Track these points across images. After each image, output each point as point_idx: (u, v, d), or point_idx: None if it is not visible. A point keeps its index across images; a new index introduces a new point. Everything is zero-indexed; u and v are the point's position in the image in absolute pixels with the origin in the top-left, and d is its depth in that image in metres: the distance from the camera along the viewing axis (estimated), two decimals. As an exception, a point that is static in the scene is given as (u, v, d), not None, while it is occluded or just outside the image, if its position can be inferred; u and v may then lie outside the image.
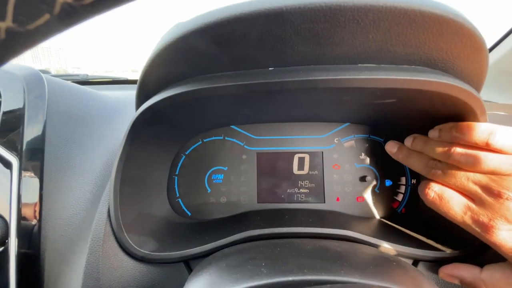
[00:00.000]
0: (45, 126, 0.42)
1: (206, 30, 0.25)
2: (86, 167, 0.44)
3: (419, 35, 0.26)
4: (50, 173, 0.41)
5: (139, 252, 0.37)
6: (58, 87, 0.48)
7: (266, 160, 0.51)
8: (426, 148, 0.37)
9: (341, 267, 0.27)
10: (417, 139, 0.40)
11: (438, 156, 0.35)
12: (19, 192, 0.39)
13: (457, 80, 0.30)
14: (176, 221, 0.49)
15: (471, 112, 0.32)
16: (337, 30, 0.25)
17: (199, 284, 0.28)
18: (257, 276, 0.26)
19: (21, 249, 0.38)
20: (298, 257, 0.30)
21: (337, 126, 0.51)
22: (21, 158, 0.40)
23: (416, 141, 0.39)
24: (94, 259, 0.36)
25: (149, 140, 0.42)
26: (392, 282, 0.25)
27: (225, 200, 0.51)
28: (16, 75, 0.45)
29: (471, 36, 0.26)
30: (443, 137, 0.35)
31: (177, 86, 0.32)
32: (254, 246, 0.34)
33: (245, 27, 0.25)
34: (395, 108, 0.40)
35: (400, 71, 0.29)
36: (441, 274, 0.36)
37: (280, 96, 0.35)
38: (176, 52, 0.29)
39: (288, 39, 0.26)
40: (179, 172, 0.51)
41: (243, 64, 0.30)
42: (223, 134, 0.52)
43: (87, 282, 0.36)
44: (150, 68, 0.32)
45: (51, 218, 0.40)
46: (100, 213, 0.39)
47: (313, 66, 0.30)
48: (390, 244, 0.37)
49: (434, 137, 0.36)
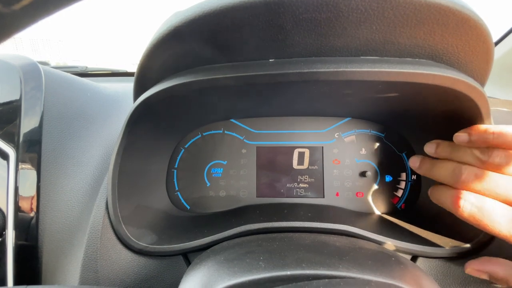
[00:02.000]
0: (42, 117, 0.42)
1: (205, 19, 0.25)
2: (84, 159, 0.43)
3: (424, 26, 0.25)
4: (47, 165, 0.41)
5: (138, 244, 0.37)
6: (56, 78, 0.47)
7: (265, 155, 0.51)
8: (455, 153, 0.33)
9: (339, 262, 0.27)
10: (442, 145, 0.36)
11: (473, 158, 0.30)
12: (16, 184, 0.39)
13: (462, 74, 0.29)
14: (175, 214, 0.48)
15: (474, 107, 0.31)
16: (340, 21, 0.24)
17: (197, 277, 0.28)
18: (255, 270, 0.25)
19: (18, 241, 0.38)
20: (296, 251, 0.29)
21: (337, 120, 0.50)
22: (18, 149, 0.39)
23: (442, 147, 0.36)
24: (92, 251, 0.36)
25: (147, 133, 0.41)
26: (390, 277, 0.25)
27: (224, 194, 0.51)
28: (13, 65, 0.44)
29: (477, 29, 0.26)
30: (476, 141, 0.31)
31: (175, 77, 0.31)
32: (252, 240, 0.34)
33: (244, 16, 0.24)
34: (397, 103, 0.39)
35: (404, 64, 0.28)
36: (468, 269, 0.32)
37: (280, 88, 0.34)
38: (174, 42, 0.28)
39: (289, 30, 0.26)
40: (178, 166, 0.51)
41: (242, 55, 0.30)
42: (223, 128, 0.51)
43: (85, 274, 0.36)
44: (147, 59, 0.31)
45: (49, 210, 0.40)
46: (98, 205, 0.38)
47: (314, 58, 0.29)
48: (389, 239, 0.37)
49: (463, 142, 0.32)
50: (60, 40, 15.52)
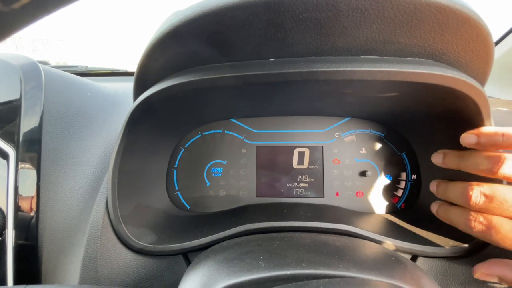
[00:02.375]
0: (42, 117, 0.42)
1: (205, 19, 0.25)
2: (84, 158, 0.43)
3: (424, 25, 0.25)
4: (47, 165, 0.41)
5: (137, 244, 0.37)
6: (56, 77, 0.47)
7: (265, 154, 0.51)
8: (463, 162, 0.32)
9: (339, 262, 0.27)
10: (449, 155, 0.34)
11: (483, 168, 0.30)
12: (16, 183, 0.39)
13: (462, 73, 0.29)
14: (175, 214, 0.48)
15: (475, 107, 0.31)
16: (340, 20, 0.24)
17: (197, 277, 0.28)
18: (255, 270, 0.25)
19: (18, 240, 0.38)
20: (296, 251, 0.29)
21: (338, 120, 0.50)
22: (18, 149, 0.39)
23: (449, 157, 0.34)
24: (92, 251, 0.36)
25: (147, 132, 0.41)
26: (390, 277, 0.25)
27: (224, 193, 0.51)
28: (13, 65, 0.44)
29: (477, 28, 0.26)
30: (486, 144, 0.30)
31: (174, 77, 0.31)
32: (252, 240, 0.34)
33: (244, 15, 0.24)
34: (397, 103, 0.39)
35: (404, 64, 0.28)
36: (478, 274, 0.31)
37: (280, 88, 0.34)
38: (174, 41, 0.28)
39: (288, 29, 0.25)
40: (178, 165, 0.51)
41: (242, 55, 0.29)
42: (223, 127, 0.51)
43: (85, 273, 0.36)
44: (147, 58, 0.31)
45: (49, 210, 0.40)
46: (98, 205, 0.38)
47: (314, 58, 0.29)
48: (389, 239, 0.37)
49: (470, 143, 0.31)
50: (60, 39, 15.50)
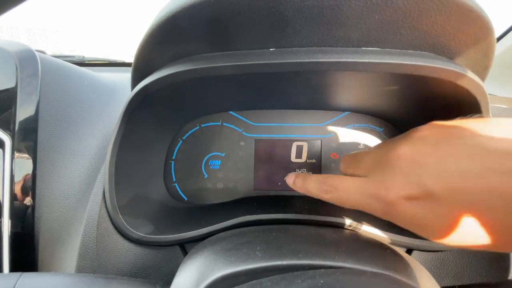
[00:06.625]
0: (38, 105, 0.41)
1: (204, 5, 0.24)
2: (80, 148, 0.43)
3: (427, 17, 0.25)
4: (43, 153, 0.40)
5: (135, 234, 0.37)
6: (52, 65, 0.46)
7: (264, 147, 0.51)
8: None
9: (335, 253, 0.27)
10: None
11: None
12: (11, 172, 0.38)
13: (463, 67, 0.29)
14: (172, 205, 0.48)
15: (474, 102, 0.31)
16: (343, 9, 0.24)
17: (194, 267, 0.28)
18: (252, 259, 0.26)
19: (14, 229, 0.38)
20: (293, 242, 0.30)
21: (337, 114, 0.50)
22: (13, 137, 0.39)
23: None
24: (89, 240, 0.36)
25: (145, 123, 0.41)
26: (385, 268, 0.25)
27: (222, 186, 0.51)
28: (8, 52, 0.43)
29: (480, 22, 0.25)
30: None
31: (173, 65, 0.31)
32: (249, 231, 0.34)
33: (245, 1, 0.24)
34: (396, 97, 0.39)
35: (405, 56, 0.28)
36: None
37: (279, 79, 0.34)
38: (172, 28, 0.27)
39: (290, 18, 0.25)
40: (176, 157, 0.51)
41: (242, 44, 0.29)
42: (221, 119, 0.51)
43: (82, 263, 0.36)
44: (145, 46, 0.30)
45: (45, 199, 0.40)
46: (95, 194, 0.38)
47: (315, 48, 0.29)
48: (385, 232, 0.37)
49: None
50: (57, 30, 15.24)
